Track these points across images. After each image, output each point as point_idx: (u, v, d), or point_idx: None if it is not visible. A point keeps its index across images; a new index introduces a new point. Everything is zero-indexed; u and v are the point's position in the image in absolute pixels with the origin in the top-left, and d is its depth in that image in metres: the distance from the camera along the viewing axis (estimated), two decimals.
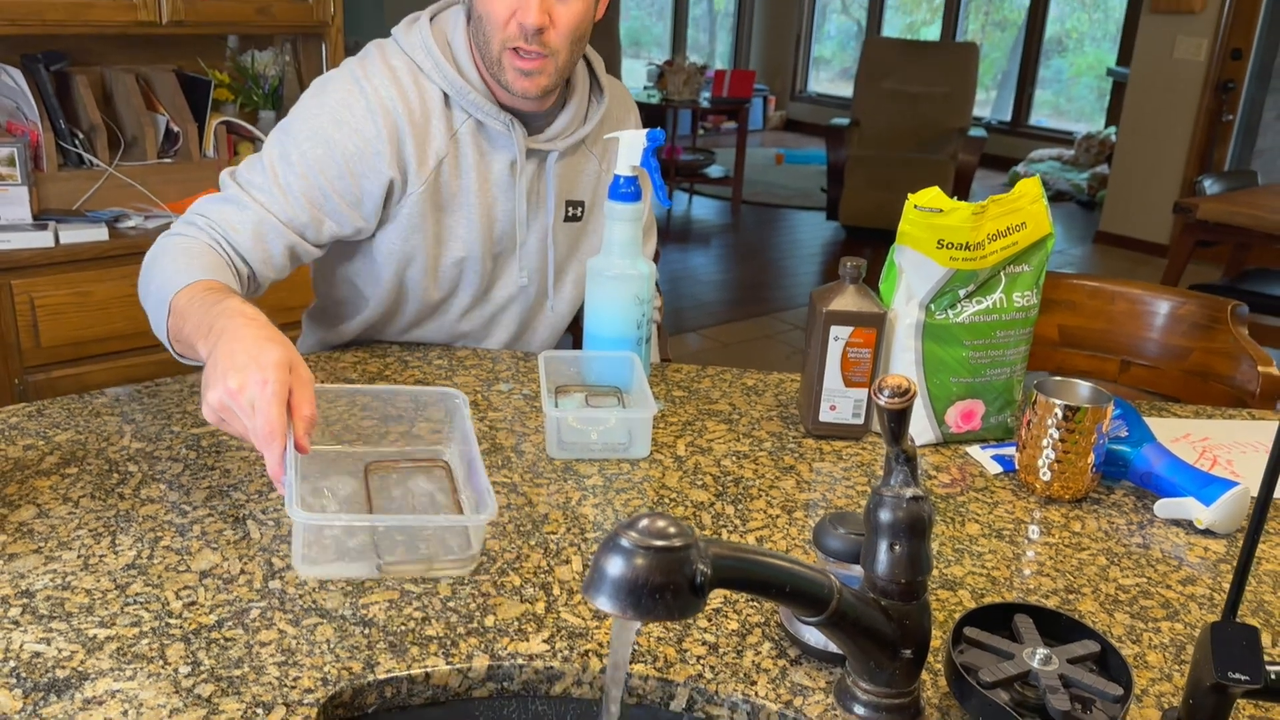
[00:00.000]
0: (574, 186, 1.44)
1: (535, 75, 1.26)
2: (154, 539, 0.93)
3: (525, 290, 1.47)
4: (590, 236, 1.49)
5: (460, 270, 1.41)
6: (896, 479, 0.70)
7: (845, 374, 1.18)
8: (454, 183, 1.35)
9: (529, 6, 1.22)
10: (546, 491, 1.06)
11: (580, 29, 1.27)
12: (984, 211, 1.13)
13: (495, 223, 1.39)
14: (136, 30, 2.27)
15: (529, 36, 1.23)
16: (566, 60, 1.28)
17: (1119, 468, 1.12)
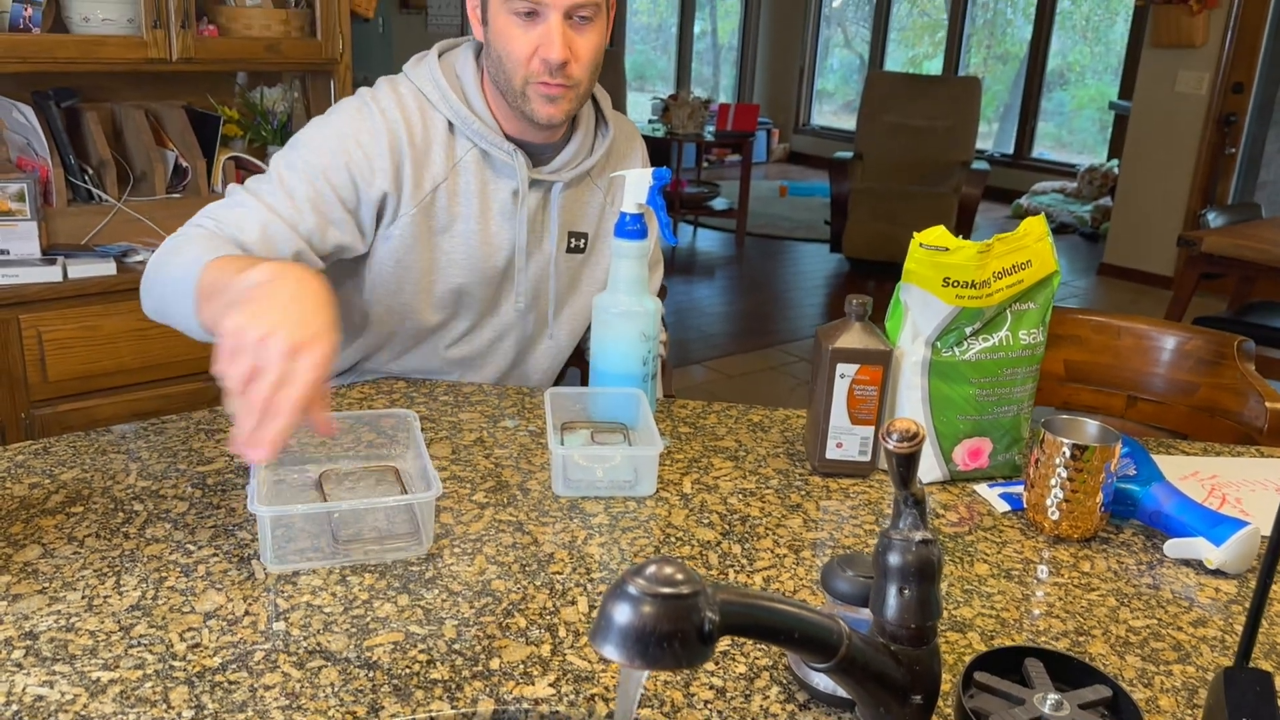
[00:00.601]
0: (578, 218, 1.46)
1: (559, 101, 1.30)
2: (159, 579, 0.93)
3: (523, 319, 1.48)
4: (593, 268, 1.51)
5: (458, 296, 1.42)
6: (905, 522, 0.70)
7: (852, 411, 1.18)
8: (452, 209, 1.37)
9: (552, 43, 1.25)
10: (552, 530, 1.06)
11: (598, 57, 1.32)
12: (989, 250, 1.13)
13: (496, 251, 1.41)
14: (147, 68, 2.29)
15: (553, 71, 1.26)
16: (587, 89, 1.33)
17: (1128, 507, 1.12)
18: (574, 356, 1.65)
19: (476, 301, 1.44)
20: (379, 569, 0.96)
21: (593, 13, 1.27)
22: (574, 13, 1.26)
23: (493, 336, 1.49)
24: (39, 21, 2.19)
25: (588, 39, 1.28)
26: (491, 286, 1.44)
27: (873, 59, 9.53)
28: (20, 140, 2.31)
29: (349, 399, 1.37)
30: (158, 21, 2.24)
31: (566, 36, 1.26)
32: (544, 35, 1.25)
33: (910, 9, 9.57)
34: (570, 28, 1.27)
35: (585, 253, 1.49)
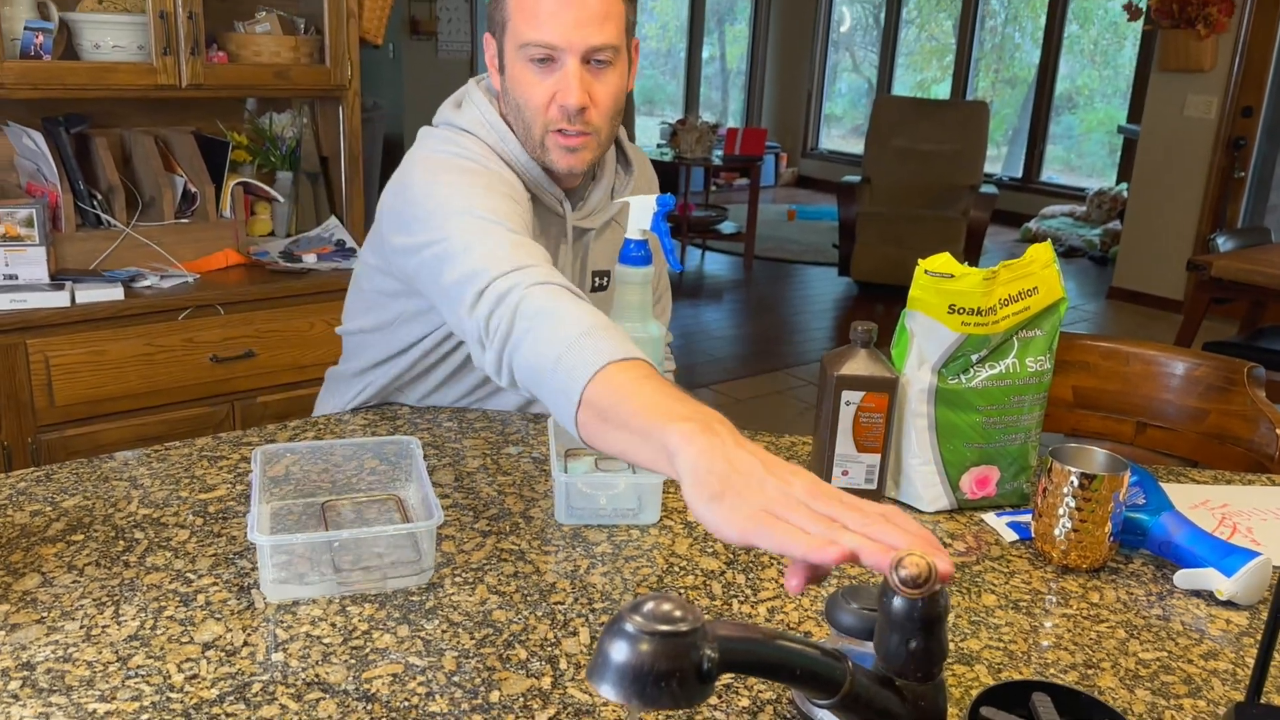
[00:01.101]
0: (600, 257, 1.45)
1: (580, 151, 1.27)
2: (158, 609, 0.92)
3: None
4: (611, 306, 1.49)
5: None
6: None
7: (858, 439, 1.17)
8: None
9: (569, 89, 1.21)
10: (554, 559, 1.05)
11: (618, 103, 1.28)
12: (995, 277, 1.13)
13: None
14: (156, 94, 2.30)
15: (571, 117, 1.23)
16: (607, 135, 1.30)
17: (1137, 536, 1.10)
18: None
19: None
20: (379, 598, 0.96)
21: (611, 56, 1.23)
22: (591, 56, 1.22)
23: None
24: (50, 49, 2.20)
25: (607, 84, 1.25)
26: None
27: (881, 83, 9.56)
28: (30, 166, 2.33)
29: (353, 425, 1.36)
30: (168, 48, 2.26)
31: (584, 81, 1.22)
32: (561, 81, 1.22)
33: (918, 33, 9.61)
34: (588, 72, 1.23)
35: (607, 290, 1.47)
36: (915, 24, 9.57)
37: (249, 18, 2.52)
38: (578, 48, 1.21)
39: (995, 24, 8.99)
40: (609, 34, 1.22)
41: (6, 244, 2.15)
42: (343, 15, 2.47)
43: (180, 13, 2.26)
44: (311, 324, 2.37)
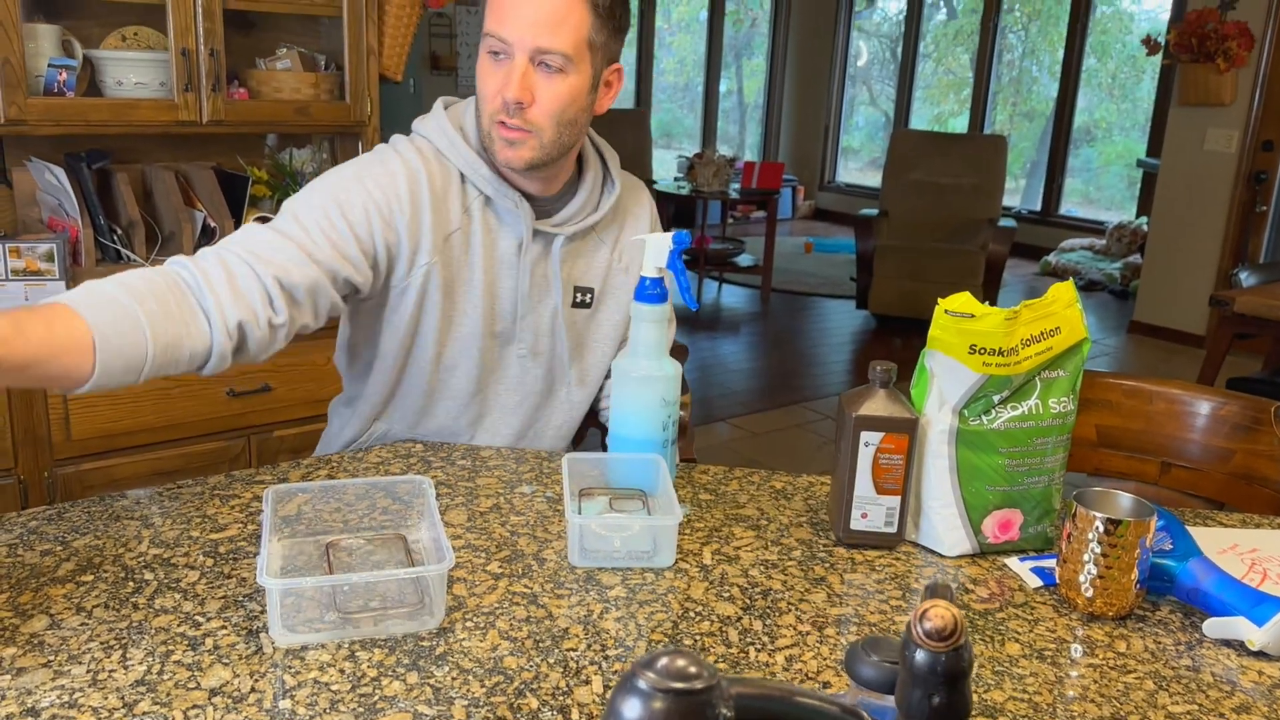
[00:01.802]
0: (583, 273, 1.48)
1: (518, 146, 1.31)
2: (165, 653, 0.91)
3: (533, 374, 1.48)
4: (601, 324, 1.52)
5: (469, 348, 1.43)
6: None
7: (877, 481, 1.15)
8: (463, 258, 1.39)
9: (510, 82, 1.28)
10: (568, 603, 1.03)
11: (566, 111, 1.31)
12: (1017, 317, 1.11)
13: (498, 300, 1.42)
14: (177, 130, 2.32)
15: (511, 110, 1.29)
16: (553, 138, 1.32)
17: (1164, 583, 1.08)
18: (592, 417, 1.64)
19: (487, 354, 1.44)
20: (388, 644, 0.94)
21: (561, 63, 1.28)
22: (539, 58, 1.28)
23: (504, 392, 1.49)
24: (73, 85, 2.23)
25: (554, 88, 1.29)
26: (499, 338, 1.45)
27: (898, 116, 9.58)
28: (52, 201, 2.34)
29: (366, 463, 1.35)
30: (189, 85, 2.28)
31: (529, 79, 1.28)
32: (508, 74, 1.28)
33: (935, 67, 9.64)
34: (536, 72, 1.28)
35: (592, 308, 1.50)
36: (932, 58, 9.61)
37: (270, 54, 2.55)
38: (527, 45, 1.27)
39: (1013, 57, 9.01)
40: (561, 41, 1.27)
41: (27, 278, 2.17)
42: (363, 52, 2.49)
43: (202, 50, 2.28)
44: (327, 358, 2.35)
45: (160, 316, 1.09)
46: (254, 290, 1.19)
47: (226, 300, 1.16)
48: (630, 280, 1.51)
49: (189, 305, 1.14)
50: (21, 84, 2.12)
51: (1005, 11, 8.82)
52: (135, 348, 1.06)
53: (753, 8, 9.98)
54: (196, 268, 1.17)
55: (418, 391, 1.46)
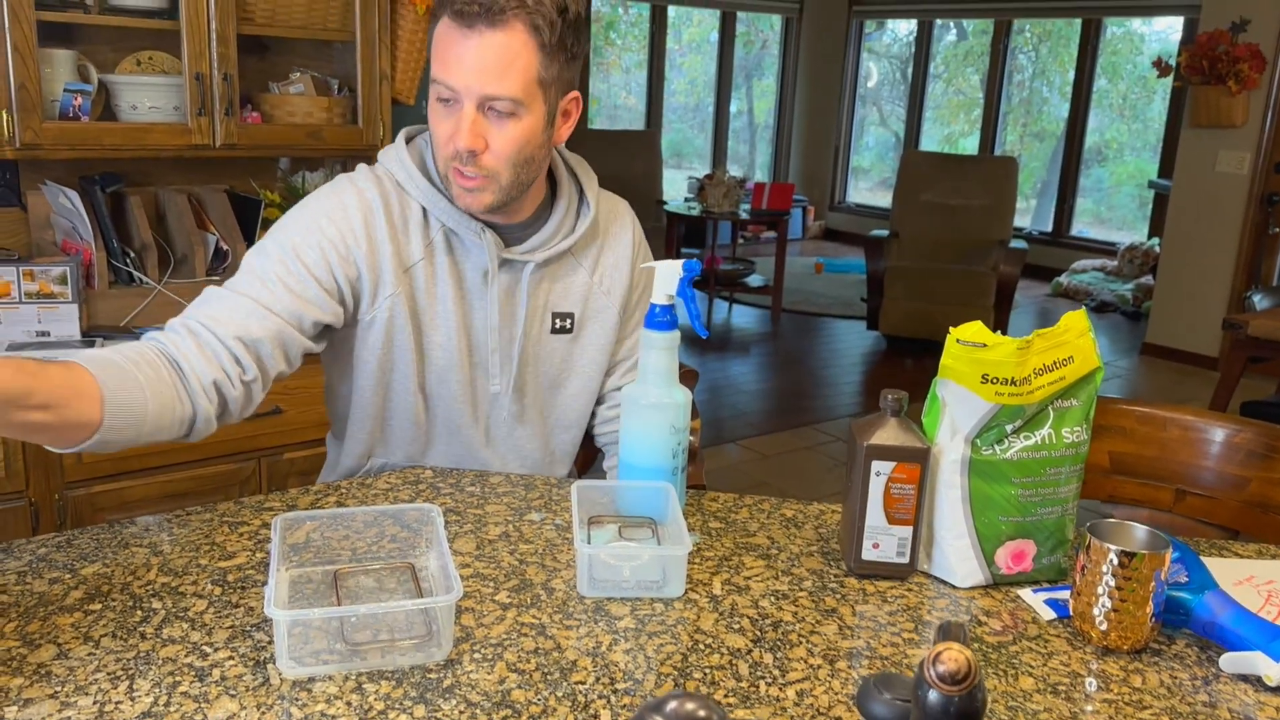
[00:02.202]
0: (560, 298, 1.46)
1: (477, 192, 1.30)
2: (172, 684, 0.91)
3: (515, 402, 1.47)
4: (586, 349, 1.50)
5: (445, 381, 1.42)
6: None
7: (889, 511, 1.14)
8: (430, 290, 1.38)
9: (461, 132, 1.25)
10: (576, 634, 1.02)
11: (522, 152, 1.29)
12: (1029, 346, 1.10)
13: (472, 331, 1.41)
14: (191, 154, 2.34)
15: (464, 159, 1.27)
16: (511, 180, 1.31)
17: (1180, 616, 1.06)
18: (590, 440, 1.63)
19: (468, 385, 1.43)
20: (396, 675, 0.94)
21: (511, 108, 1.25)
22: (487, 105, 1.25)
23: (495, 424, 1.48)
24: (88, 110, 2.25)
25: (506, 133, 1.27)
26: (478, 369, 1.43)
27: (908, 137, 9.59)
28: (66, 224, 2.36)
29: (375, 489, 1.35)
30: (203, 109, 2.30)
31: (480, 127, 1.26)
32: (458, 123, 1.26)
33: (945, 88, 9.65)
34: (486, 119, 1.26)
35: (573, 332, 1.48)
36: (942, 79, 9.62)
37: (283, 79, 2.56)
38: (475, 93, 1.24)
39: (1023, 78, 9.02)
40: (508, 87, 1.24)
41: (40, 301, 2.18)
42: (375, 77, 2.50)
43: (216, 74, 2.30)
44: None
45: (154, 380, 1.14)
46: (220, 353, 1.22)
47: (199, 364, 1.20)
48: (612, 302, 1.50)
49: (172, 372, 1.18)
50: (37, 109, 2.14)
51: (1015, 33, 8.84)
52: (138, 405, 1.10)
53: (763, 29, 10.02)
54: (168, 339, 1.22)
55: (406, 423, 1.45)
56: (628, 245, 1.51)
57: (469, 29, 1.22)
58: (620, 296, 1.50)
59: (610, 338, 1.50)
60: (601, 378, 1.53)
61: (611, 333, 1.50)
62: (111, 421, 1.07)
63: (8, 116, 2.12)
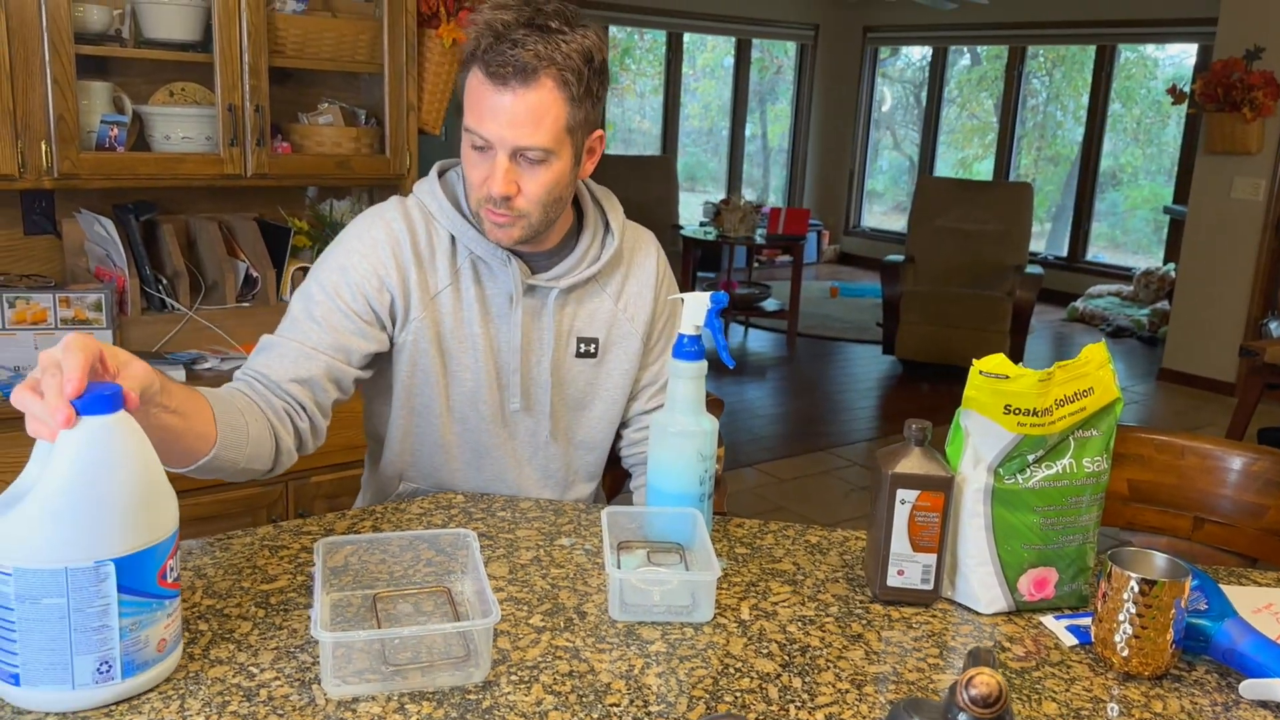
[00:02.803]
0: (586, 323, 1.51)
1: (507, 228, 1.37)
2: (222, 703, 0.94)
3: (540, 425, 1.51)
4: (610, 374, 1.54)
5: (473, 403, 1.47)
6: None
7: (913, 538, 1.17)
8: (456, 315, 1.44)
9: (495, 180, 1.32)
10: (609, 658, 1.05)
11: (552, 193, 1.36)
12: (1050, 378, 1.13)
13: (497, 354, 1.46)
14: (223, 183, 2.39)
15: (496, 203, 1.34)
16: (541, 218, 1.38)
17: (1199, 643, 1.09)
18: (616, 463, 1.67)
19: (493, 408, 1.48)
20: (436, 696, 0.96)
21: (542, 156, 1.32)
22: (520, 154, 1.32)
23: (519, 447, 1.52)
24: (124, 140, 2.30)
25: (536, 177, 1.33)
26: (504, 392, 1.48)
27: (922, 161, 9.64)
28: (100, 252, 2.41)
29: (409, 514, 1.38)
30: (235, 139, 2.35)
31: (513, 174, 1.32)
32: (492, 170, 1.32)
33: (959, 112, 9.70)
34: (518, 165, 1.33)
35: (597, 357, 1.53)
36: (956, 103, 9.68)
37: (312, 109, 2.62)
38: (508, 145, 1.31)
39: (1037, 103, 9.06)
40: (539, 138, 1.30)
41: (75, 327, 2.23)
42: (403, 108, 2.56)
43: (248, 106, 2.35)
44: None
45: (248, 408, 1.26)
46: (280, 394, 1.33)
47: (270, 402, 1.32)
48: (636, 329, 1.54)
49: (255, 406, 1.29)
50: (75, 139, 2.20)
51: (1029, 58, 8.89)
52: (241, 429, 1.21)
53: (778, 55, 10.10)
54: (242, 384, 1.33)
55: (433, 445, 1.50)
56: (651, 273, 1.56)
57: (502, 85, 1.28)
58: (644, 324, 1.54)
59: (634, 363, 1.55)
60: (624, 402, 1.57)
61: (635, 359, 1.55)
62: (224, 438, 1.17)
63: (46, 147, 2.17)
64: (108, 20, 2.32)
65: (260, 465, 1.27)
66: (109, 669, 0.92)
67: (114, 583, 0.91)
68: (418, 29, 2.56)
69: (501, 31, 1.28)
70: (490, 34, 1.28)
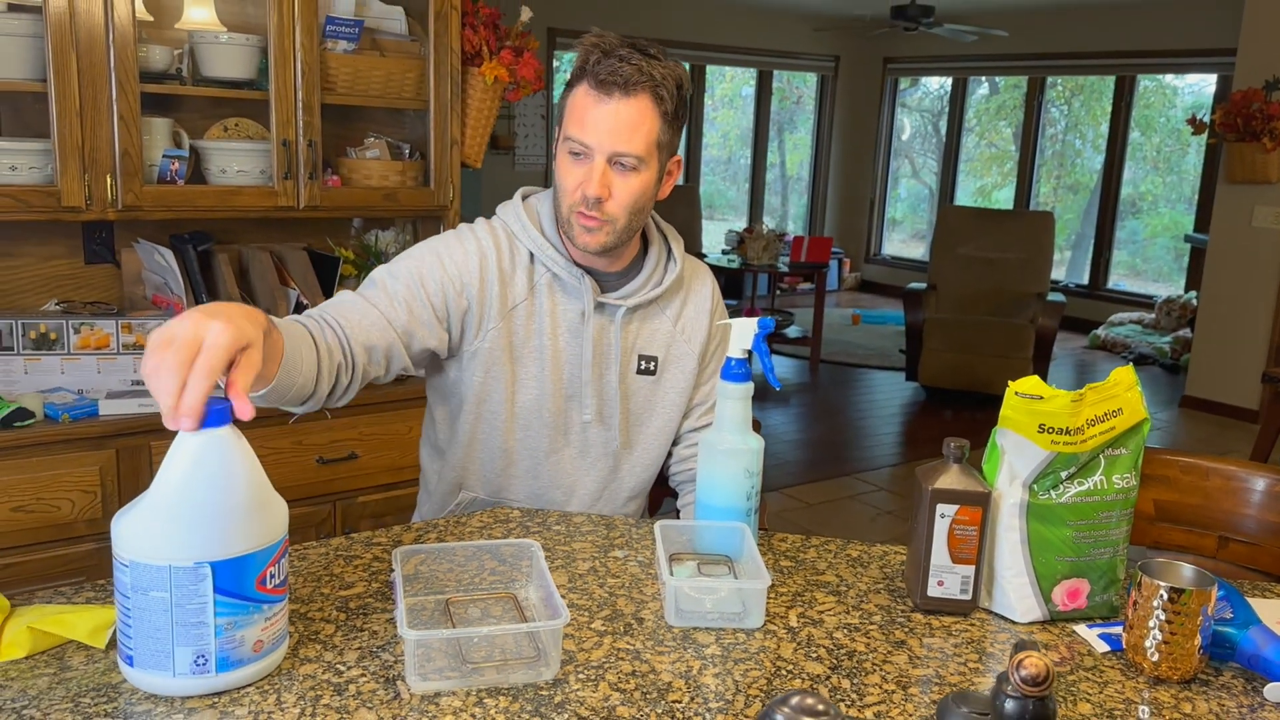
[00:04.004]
0: (647, 342, 1.62)
1: (595, 232, 1.48)
2: (314, 697, 1.01)
3: (602, 437, 1.61)
4: (666, 390, 1.65)
5: (538, 411, 1.57)
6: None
7: (952, 550, 1.24)
8: (528, 327, 1.55)
9: (591, 182, 1.45)
10: (668, 660, 1.12)
11: (638, 202, 1.49)
12: (1082, 399, 1.20)
13: (564, 366, 1.57)
14: (276, 215, 2.49)
15: (590, 204, 1.46)
16: (625, 225, 1.50)
17: (1226, 649, 1.15)
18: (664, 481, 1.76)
19: (556, 416, 1.58)
20: (511, 693, 1.04)
21: (635, 164, 1.45)
22: (616, 159, 1.45)
23: (577, 455, 1.62)
24: (184, 174, 2.41)
25: (628, 183, 1.46)
26: (565, 400, 1.59)
27: (942, 189, 9.72)
28: (157, 280, 2.52)
29: (470, 527, 1.46)
30: (288, 173, 2.46)
31: (607, 177, 1.45)
32: (588, 174, 1.45)
33: (978, 141, 9.79)
34: (612, 170, 1.45)
35: (656, 375, 1.64)
36: (975, 132, 9.77)
37: (360, 144, 2.72)
38: (606, 149, 1.44)
39: (1056, 131, 9.14)
40: (635, 145, 1.44)
41: (136, 352, 2.32)
42: (446, 143, 2.66)
43: (301, 140, 2.46)
44: (410, 427, 2.50)
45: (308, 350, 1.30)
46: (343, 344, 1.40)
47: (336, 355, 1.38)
48: (692, 350, 1.65)
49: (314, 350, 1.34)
50: (138, 173, 2.30)
51: (1049, 87, 8.98)
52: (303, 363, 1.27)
53: (799, 86, 10.23)
54: (313, 324, 1.38)
55: (495, 451, 1.60)
56: (707, 299, 1.68)
57: (606, 96, 1.43)
58: (699, 345, 1.65)
59: (689, 382, 1.65)
60: (679, 419, 1.67)
61: (690, 377, 1.65)
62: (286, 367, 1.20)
63: (111, 181, 2.28)
64: (169, 60, 2.43)
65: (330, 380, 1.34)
66: (205, 662, 1.00)
67: (211, 583, 0.99)
68: (461, 67, 2.67)
69: (609, 49, 1.43)
70: (599, 50, 1.43)
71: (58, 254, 2.51)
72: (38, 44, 2.21)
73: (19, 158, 2.24)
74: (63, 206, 2.25)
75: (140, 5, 2.33)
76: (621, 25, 7.92)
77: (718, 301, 1.70)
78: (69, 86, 2.21)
